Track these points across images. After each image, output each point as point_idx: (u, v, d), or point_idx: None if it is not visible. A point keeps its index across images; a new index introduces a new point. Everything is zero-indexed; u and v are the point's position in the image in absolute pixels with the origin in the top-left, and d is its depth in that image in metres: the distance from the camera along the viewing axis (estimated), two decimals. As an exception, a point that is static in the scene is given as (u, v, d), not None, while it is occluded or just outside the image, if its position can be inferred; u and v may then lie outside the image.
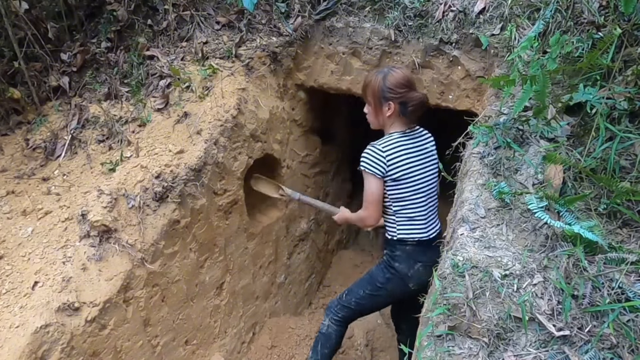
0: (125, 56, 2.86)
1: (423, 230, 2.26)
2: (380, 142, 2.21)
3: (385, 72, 2.21)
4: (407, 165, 2.20)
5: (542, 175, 1.72)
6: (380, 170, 2.17)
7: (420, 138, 2.29)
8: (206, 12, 3.00)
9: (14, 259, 2.03)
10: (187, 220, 2.36)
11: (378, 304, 2.48)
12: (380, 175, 2.18)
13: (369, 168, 2.19)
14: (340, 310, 2.46)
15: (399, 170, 2.18)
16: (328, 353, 2.51)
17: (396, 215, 2.26)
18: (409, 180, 2.20)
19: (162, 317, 2.31)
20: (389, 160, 2.17)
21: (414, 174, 2.22)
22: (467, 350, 1.30)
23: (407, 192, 2.22)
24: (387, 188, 2.23)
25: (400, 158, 2.19)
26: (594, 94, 1.78)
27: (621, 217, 1.56)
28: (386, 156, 2.17)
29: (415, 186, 2.23)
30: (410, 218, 2.25)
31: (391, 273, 2.29)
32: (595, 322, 1.29)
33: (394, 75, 2.18)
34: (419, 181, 2.23)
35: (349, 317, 2.49)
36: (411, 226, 2.25)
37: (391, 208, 2.27)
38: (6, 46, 2.64)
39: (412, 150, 2.23)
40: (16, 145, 2.58)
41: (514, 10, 2.48)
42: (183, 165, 2.34)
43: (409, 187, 2.21)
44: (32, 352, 1.74)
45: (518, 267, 1.44)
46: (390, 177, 2.19)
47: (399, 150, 2.20)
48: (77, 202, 2.20)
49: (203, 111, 2.55)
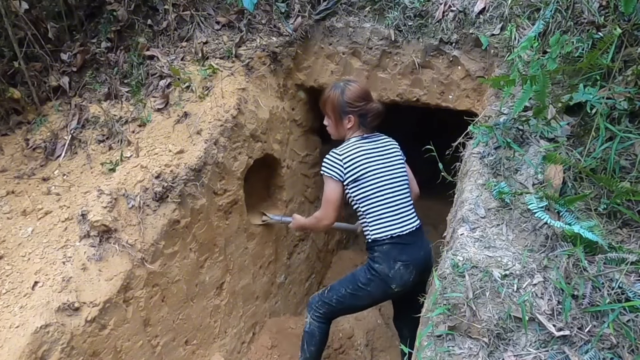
0: (125, 56, 2.86)
1: (395, 225, 2.25)
2: (339, 148, 2.31)
3: (342, 86, 2.32)
4: (366, 165, 2.25)
5: (542, 175, 1.72)
6: (338, 173, 2.25)
7: (380, 141, 2.37)
8: (206, 12, 3.00)
9: (14, 259, 2.03)
10: (187, 220, 2.36)
11: (359, 305, 2.48)
12: (337, 178, 2.26)
13: (327, 171, 2.28)
14: (321, 306, 2.47)
15: (357, 170, 2.24)
16: (315, 350, 2.52)
17: (366, 216, 2.28)
18: (370, 178, 2.25)
19: (162, 317, 2.31)
20: (345, 163, 2.24)
21: (376, 173, 2.26)
22: (467, 350, 1.30)
23: (370, 190, 2.25)
24: (350, 190, 2.27)
25: (358, 159, 2.25)
26: (594, 94, 1.79)
27: (621, 217, 1.56)
28: (343, 159, 2.25)
29: (379, 184, 2.25)
30: (379, 216, 2.25)
31: (372, 274, 2.28)
32: (595, 322, 1.29)
33: (351, 90, 2.30)
34: (382, 179, 2.26)
35: (330, 314, 2.50)
36: (382, 223, 2.25)
37: (360, 210, 2.30)
38: (6, 46, 2.64)
39: (372, 150, 2.30)
40: (16, 145, 2.58)
41: (514, 10, 2.49)
42: (183, 165, 2.34)
43: (371, 186, 2.25)
44: (32, 352, 1.73)
45: (518, 267, 1.44)
46: (349, 178, 2.24)
47: (357, 152, 2.27)
48: (77, 202, 2.20)
49: (203, 111, 2.55)
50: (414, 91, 2.88)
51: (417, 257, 2.26)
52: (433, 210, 4.21)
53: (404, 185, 2.33)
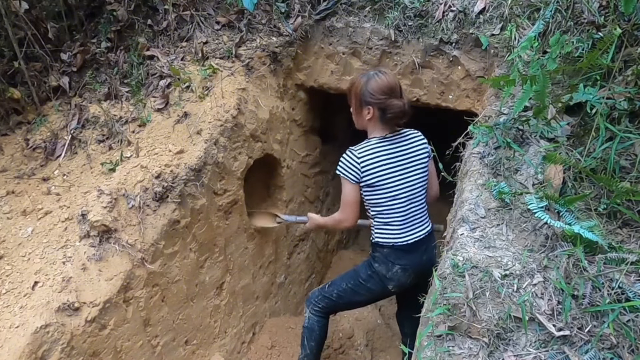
0: (125, 56, 2.86)
1: (399, 236, 2.22)
2: (357, 147, 2.20)
3: (370, 75, 2.19)
4: (383, 172, 2.17)
5: (542, 175, 1.72)
6: (355, 176, 2.17)
7: (403, 142, 2.24)
8: (206, 12, 3.00)
9: (14, 259, 2.03)
10: (187, 220, 2.36)
11: (358, 300, 2.46)
12: (354, 181, 2.18)
13: (344, 173, 2.20)
14: (320, 300, 2.47)
15: (374, 176, 2.16)
16: (315, 346, 2.53)
17: (374, 219, 2.27)
18: (385, 186, 2.18)
19: (162, 317, 2.31)
20: (363, 167, 2.15)
21: (392, 180, 2.18)
22: (467, 350, 1.30)
23: (383, 198, 2.20)
24: (364, 193, 2.23)
25: (375, 164, 2.16)
26: (594, 94, 1.79)
27: (621, 217, 1.56)
28: (360, 162, 2.15)
29: (392, 192, 2.19)
30: (386, 223, 2.23)
31: (372, 271, 2.30)
32: (595, 322, 1.29)
33: (377, 81, 2.15)
34: (397, 187, 2.19)
35: (329, 308, 2.50)
36: (386, 232, 2.24)
37: (370, 211, 2.28)
38: (6, 46, 2.64)
39: (391, 155, 2.19)
40: (16, 145, 2.58)
41: (514, 10, 2.49)
42: (183, 165, 2.34)
43: (385, 193, 2.19)
44: (32, 352, 1.73)
45: (518, 267, 1.44)
46: (365, 183, 2.18)
47: (376, 156, 2.17)
48: (77, 202, 2.20)
49: (203, 111, 2.55)
50: (414, 91, 2.88)
51: (418, 261, 2.25)
52: (433, 210, 4.20)
53: (419, 193, 2.26)
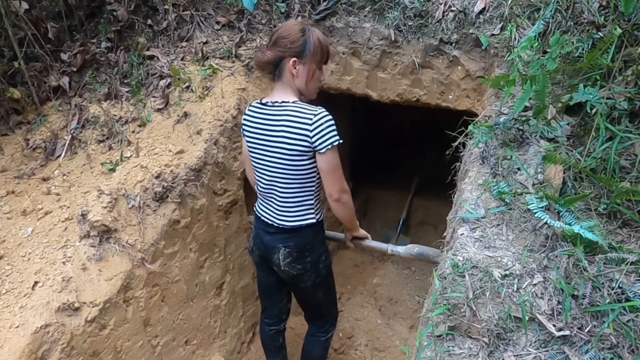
0: (125, 56, 2.86)
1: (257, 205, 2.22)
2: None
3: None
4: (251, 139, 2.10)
5: (542, 175, 1.72)
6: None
7: (277, 114, 2.00)
8: (206, 12, 3.00)
9: (14, 259, 2.03)
10: (187, 220, 2.37)
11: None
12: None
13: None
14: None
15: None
16: None
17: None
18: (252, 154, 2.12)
19: (162, 317, 2.31)
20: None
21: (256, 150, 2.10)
22: (467, 350, 1.30)
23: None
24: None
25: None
26: (594, 94, 1.78)
27: (621, 217, 1.55)
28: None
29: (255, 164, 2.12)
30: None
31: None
32: (595, 322, 1.29)
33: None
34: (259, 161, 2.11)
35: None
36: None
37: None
38: (6, 46, 2.64)
39: (262, 124, 2.05)
40: (16, 145, 2.58)
41: (514, 10, 2.48)
42: (183, 165, 2.34)
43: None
44: (32, 352, 1.73)
45: (518, 267, 1.44)
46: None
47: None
48: (77, 202, 2.20)
49: (203, 111, 2.55)
50: (414, 91, 2.88)
51: (271, 245, 2.19)
52: (433, 210, 4.21)
53: (283, 177, 2.08)
